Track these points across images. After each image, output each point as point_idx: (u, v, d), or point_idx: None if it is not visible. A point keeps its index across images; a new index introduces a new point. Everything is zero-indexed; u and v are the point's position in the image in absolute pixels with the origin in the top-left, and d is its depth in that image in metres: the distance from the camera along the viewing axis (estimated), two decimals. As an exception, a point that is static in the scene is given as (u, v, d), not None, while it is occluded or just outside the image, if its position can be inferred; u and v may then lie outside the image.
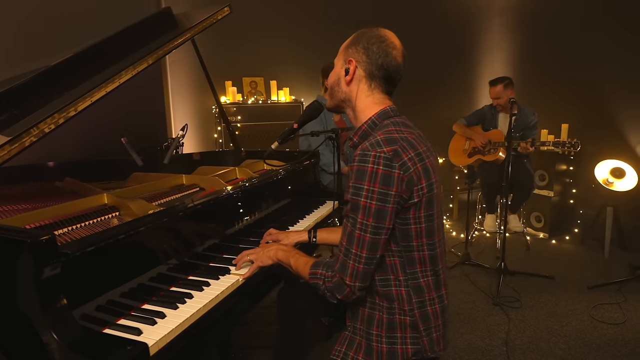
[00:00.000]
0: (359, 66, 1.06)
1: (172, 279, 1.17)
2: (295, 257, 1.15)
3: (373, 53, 1.04)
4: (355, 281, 0.97)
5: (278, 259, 1.20)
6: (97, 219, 1.30)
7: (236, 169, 1.98)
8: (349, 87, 1.09)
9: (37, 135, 1.15)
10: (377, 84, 1.08)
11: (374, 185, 0.93)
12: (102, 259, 0.99)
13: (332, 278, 1.00)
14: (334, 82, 1.11)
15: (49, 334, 0.78)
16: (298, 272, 1.12)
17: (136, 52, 1.61)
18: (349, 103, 1.11)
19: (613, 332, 2.17)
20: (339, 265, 0.99)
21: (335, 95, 1.12)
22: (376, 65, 1.05)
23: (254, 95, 3.46)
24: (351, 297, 1.00)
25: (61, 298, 0.83)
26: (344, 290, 0.98)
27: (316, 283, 1.04)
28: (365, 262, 0.96)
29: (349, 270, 0.97)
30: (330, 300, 1.02)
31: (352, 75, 1.07)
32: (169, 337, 0.92)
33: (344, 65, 1.08)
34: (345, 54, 1.09)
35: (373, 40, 1.05)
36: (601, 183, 3.17)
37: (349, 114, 1.14)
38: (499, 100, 3.15)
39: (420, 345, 1.02)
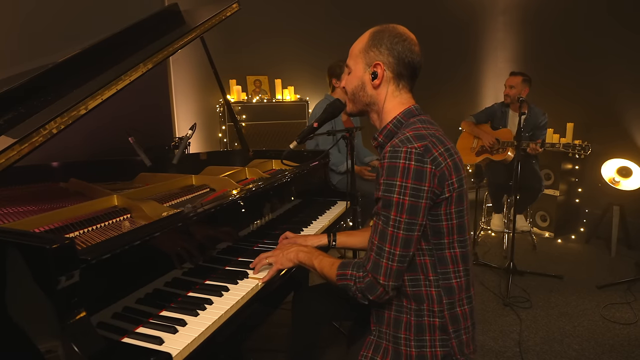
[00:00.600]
0: (387, 68, 1.03)
1: (189, 284, 1.13)
2: (319, 259, 1.11)
3: (399, 53, 1.02)
4: (389, 280, 0.94)
5: (300, 261, 1.16)
6: (108, 221, 1.26)
7: (246, 169, 1.94)
8: (377, 91, 1.05)
9: (47, 135, 1.10)
10: (404, 83, 1.06)
11: (406, 181, 0.91)
12: (119, 264, 0.95)
13: (363, 278, 0.97)
14: (357, 87, 1.07)
15: (69, 346, 0.73)
16: (323, 274, 1.08)
17: (144, 50, 1.56)
18: (374, 107, 1.08)
19: (626, 333, 2.15)
20: (371, 265, 0.96)
21: (359, 99, 1.08)
22: (404, 65, 1.03)
23: (258, 94, 3.41)
24: (384, 297, 0.97)
25: (81, 307, 0.78)
26: (377, 290, 0.95)
27: (346, 284, 1.00)
28: (399, 260, 0.94)
29: (382, 269, 0.94)
30: (361, 302, 0.99)
31: (381, 78, 1.03)
32: (193, 346, 0.87)
33: (368, 69, 1.04)
34: (366, 57, 1.04)
35: (396, 40, 1.02)
36: (607, 182, 3.16)
37: (373, 117, 1.10)
38: (512, 90, 3.10)
39: (450, 347, 1.00)
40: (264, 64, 3.46)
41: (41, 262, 0.76)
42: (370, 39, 1.04)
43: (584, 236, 3.50)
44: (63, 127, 1.15)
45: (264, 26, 3.44)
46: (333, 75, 2.63)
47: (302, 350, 1.44)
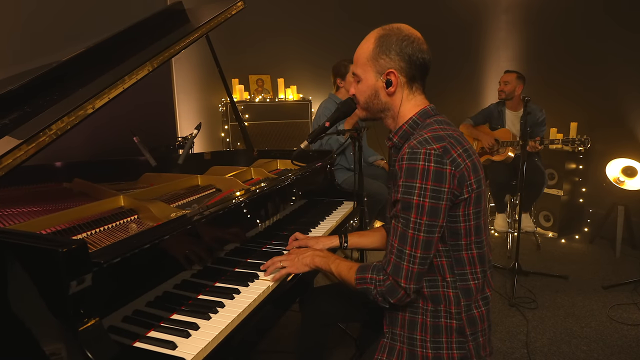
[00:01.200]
0: (400, 74, 1.01)
1: (199, 286, 1.11)
2: (335, 263, 1.09)
3: (410, 56, 1.00)
4: (410, 283, 0.93)
5: (316, 266, 1.14)
6: (115, 222, 1.24)
7: (251, 169, 1.92)
8: (391, 98, 1.03)
9: (53, 135, 1.08)
10: (418, 85, 1.04)
11: (426, 183, 0.89)
12: (129, 267, 0.92)
13: (384, 282, 0.95)
14: (370, 96, 1.05)
15: (83, 353, 0.71)
16: (342, 278, 1.07)
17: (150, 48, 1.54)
18: (389, 112, 1.06)
19: (634, 333, 2.14)
20: (392, 268, 0.94)
21: (373, 107, 1.06)
22: (416, 67, 1.01)
23: (260, 94, 3.39)
24: (405, 300, 0.95)
25: (94, 312, 0.76)
26: (398, 293, 0.94)
27: (367, 288, 0.98)
28: (420, 262, 0.92)
29: (403, 271, 0.93)
30: (382, 305, 0.98)
31: (396, 85, 1.01)
32: (207, 350, 0.85)
33: (380, 77, 1.02)
34: (376, 65, 1.01)
35: (405, 43, 0.99)
36: (612, 182, 3.15)
37: (387, 122, 1.08)
38: (507, 86, 3.14)
39: (466, 350, 0.98)
40: (266, 63, 3.44)
41: (53, 266, 0.73)
42: (377, 45, 1.00)
43: (588, 236, 3.49)
44: (70, 127, 1.13)
45: (266, 25, 3.42)
46: (338, 75, 2.61)
47: (310, 352, 1.42)
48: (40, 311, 0.79)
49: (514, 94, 3.16)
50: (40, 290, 0.77)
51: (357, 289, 1.01)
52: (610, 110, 3.48)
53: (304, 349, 1.43)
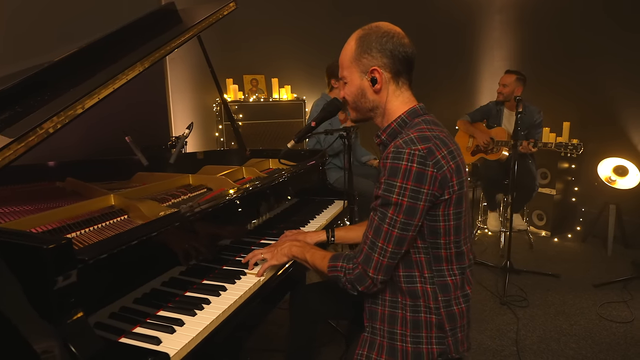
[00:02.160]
0: (384, 70, 1.02)
1: (186, 284, 1.13)
2: (310, 252, 1.13)
3: (392, 51, 1.01)
4: (378, 274, 0.96)
5: (293, 255, 1.18)
6: (106, 222, 1.25)
7: (243, 169, 1.94)
8: (378, 95, 1.05)
9: (43, 134, 1.09)
10: (403, 79, 1.06)
11: (406, 183, 0.91)
12: (116, 264, 0.94)
13: (353, 270, 0.99)
14: (357, 95, 1.06)
15: (67, 348, 0.73)
16: (315, 267, 1.10)
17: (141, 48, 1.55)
18: (377, 110, 1.07)
19: (622, 331, 2.16)
20: (363, 257, 0.98)
21: (361, 106, 1.08)
22: (399, 61, 1.02)
23: (255, 93, 3.41)
24: (372, 289, 0.99)
25: (78, 308, 0.78)
26: (366, 282, 0.97)
27: (336, 276, 1.02)
28: (390, 256, 0.95)
29: (373, 262, 0.96)
30: (351, 293, 1.01)
31: (381, 82, 1.03)
32: (190, 346, 0.87)
33: (365, 76, 1.03)
34: (359, 65, 1.03)
35: (385, 39, 1.01)
36: (604, 181, 3.18)
37: (377, 121, 1.10)
38: (505, 88, 3.13)
39: (445, 345, 1.00)
40: (260, 63, 3.46)
41: (38, 263, 0.75)
42: (358, 46, 1.02)
43: (580, 235, 3.52)
44: (60, 127, 1.14)
45: (260, 25, 3.44)
46: (332, 76, 2.62)
47: (300, 349, 1.44)
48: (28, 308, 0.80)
49: (512, 95, 3.15)
50: (26, 287, 0.79)
51: (329, 276, 1.04)
52: (603, 109, 3.51)
53: (294, 347, 1.45)
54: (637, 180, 3.04)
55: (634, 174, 3.06)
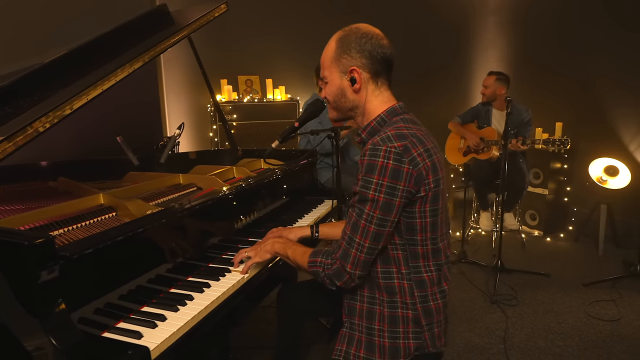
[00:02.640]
0: (363, 70, 1.05)
1: (172, 281, 1.15)
2: (292, 248, 1.15)
3: (370, 52, 1.03)
4: (355, 269, 0.98)
5: (275, 252, 1.20)
6: (93, 219, 1.28)
7: (233, 168, 1.96)
8: (358, 95, 1.07)
9: (32, 134, 1.12)
10: (383, 79, 1.08)
11: (383, 179, 0.94)
12: (101, 261, 0.97)
13: (331, 265, 1.01)
14: (337, 95, 1.08)
15: (48, 340, 0.75)
16: (296, 263, 1.12)
17: (132, 50, 1.58)
18: (357, 110, 1.09)
19: (609, 329, 2.19)
20: (341, 253, 1.00)
21: (342, 106, 1.10)
22: (378, 62, 1.04)
23: (249, 94, 3.43)
24: (350, 284, 1.01)
25: (60, 302, 0.80)
26: (344, 277, 1.00)
27: (316, 271, 1.05)
28: (367, 251, 0.98)
29: (350, 258, 0.98)
30: (330, 287, 1.03)
31: (360, 82, 1.05)
32: (171, 340, 0.90)
33: (344, 76, 1.05)
34: (339, 65, 1.06)
35: (363, 40, 1.03)
36: (595, 181, 3.20)
37: (358, 120, 1.12)
38: (486, 89, 3.21)
39: (422, 340, 1.03)
40: (255, 63, 3.49)
41: (20, 259, 0.78)
42: (338, 47, 1.04)
43: (572, 235, 3.54)
44: (49, 127, 1.17)
45: (255, 26, 3.46)
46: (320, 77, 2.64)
47: (287, 346, 1.46)
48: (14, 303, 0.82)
49: (495, 95, 3.21)
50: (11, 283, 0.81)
51: (308, 271, 1.07)
52: (594, 109, 3.54)
53: (281, 344, 1.47)
54: (627, 180, 3.07)
55: (624, 174, 3.08)
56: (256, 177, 1.74)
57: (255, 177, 1.75)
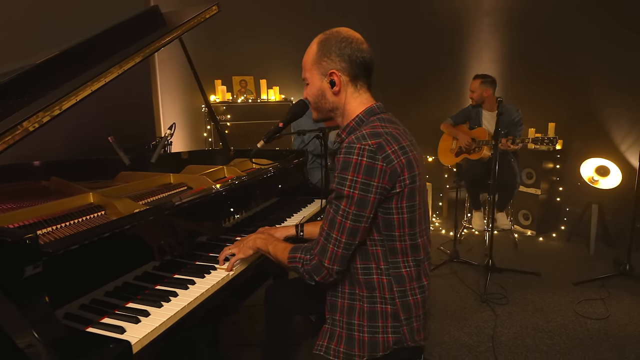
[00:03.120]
0: (342, 73, 1.08)
1: (158, 278, 1.17)
2: (273, 244, 1.17)
3: (349, 56, 1.06)
4: (333, 264, 1.01)
5: (257, 247, 1.22)
6: (82, 218, 1.30)
7: (224, 168, 1.98)
8: (337, 96, 1.10)
9: (21, 133, 1.14)
10: (362, 82, 1.10)
11: (357, 176, 0.96)
12: (86, 258, 0.99)
13: (310, 261, 1.03)
14: (318, 96, 1.12)
15: (30, 333, 0.78)
16: (277, 258, 1.15)
17: (123, 51, 1.60)
18: (337, 111, 1.13)
19: (597, 327, 2.21)
20: (319, 248, 1.02)
21: (322, 107, 1.13)
22: (357, 65, 1.07)
23: (243, 94, 3.46)
24: (328, 279, 1.03)
25: (43, 297, 0.83)
26: (322, 272, 1.02)
27: (295, 266, 1.07)
28: (344, 247, 1.00)
29: (328, 253, 1.00)
30: (309, 282, 1.05)
31: (339, 84, 1.08)
32: (153, 335, 0.92)
33: (324, 78, 1.09)
34: (319, 67, 1.09)
35: (343, 45, 1.06)
36: (586, 181, 3.23)
37: (339, 121, 1.15)
38: (473, 93, 3.24)
39: (401, 334, 1.05)
40: (249, 64, 3.51)
41: (4, 255, 0.80)
42: (319, 49, 1.08)
43: (565, 234, 3.57)
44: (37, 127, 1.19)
45: (250, 27, 3.49)
46: None
47: (275, 343, 1.49)
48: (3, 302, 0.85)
49: (482, 98, 3.24)
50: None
51: (288, 267, 1.09)
52: (586, 109, 3.57)
53: (269, 341, 1.50)
54: (618, 180, 3.10)
55: (615, 174, 3.11)
56: (245, 177, 1.77)
57: (245, 176, 1.77)
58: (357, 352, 1.03)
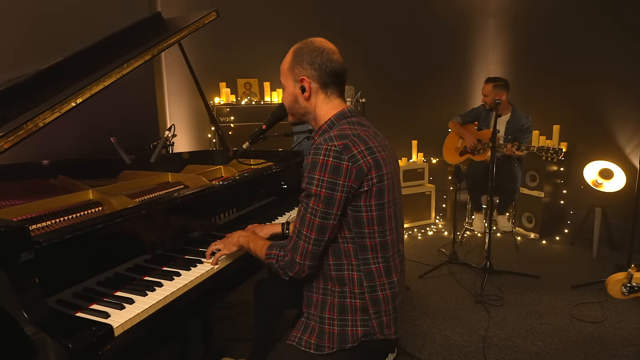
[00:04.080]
0: (312, 80, 1.14)
1: (147, 270, 1.25)
2: (254, 242, 1.23)
3: (319, 65, 1.12)
4: (304, 260, 1.06)
5: (241, 244, 1.29)
6: (80, 213, 1.39)
7: (222, 168, 2.06)
8: (308, 102, 1.17)
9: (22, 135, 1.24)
10: (332, 90, 1.16)
11: (324, 175, 1.02)
12: (76, 249, 1.07)
13: (284, 257, 1.09)
14: (292, 101, 1.19)
15: (21, 314, 0.86)
16: (257, 255, 1.21)
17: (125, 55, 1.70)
18: (309, 115, 1.19)
19: (590, 330, 2.20)
20: (292, 245, 1.08)
21: (296, 112, 1.20)
22: (326, 74, 1.13)
23: (247, 96, 3.55)
24: (301, 274, 1.08)
25: (34, 282, 0.91)
26: (294, 268, 1.07)
27: (271, 262, 1.13)
28: (314, 243, 1.05)
29: (299, 249, 1.06)
30: (284, 278, 1.11)
31: (309, 91, 1.14)
32: (134, 321, 0.99)
33: (296, 84, 1.15)
34: (292, 74, 1.16)
35: (314, 54, 1.12)
36: (590, 184, 3.20)
37: (312, 124, 1.21)
38: (486, 98, 3.23)
39: (370, 327, 1.09)
40: (254, 66, 3.60)
41: (0, 243, 0.89)
42: (292, 57, 1.15)
43: (568, 237, 3.53)
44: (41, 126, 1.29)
45: (254, 30, 3.57)
46: None
47: (263, 337, 1.55)
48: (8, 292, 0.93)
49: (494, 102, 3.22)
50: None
51: (266, 263, 1.15)
52: (591, 112, 3.52)
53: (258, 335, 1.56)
54: (622, 183, 3.06)
55: (619, 177, 3.07)
56: (238, 175, 1.84)
57: (237, 175, 1.85)
58: (327, 343, 1.08)
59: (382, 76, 4.09)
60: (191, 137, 3.50)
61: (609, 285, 0.97)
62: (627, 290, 0.96)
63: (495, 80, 3.19)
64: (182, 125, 3.51)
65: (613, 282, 0.97)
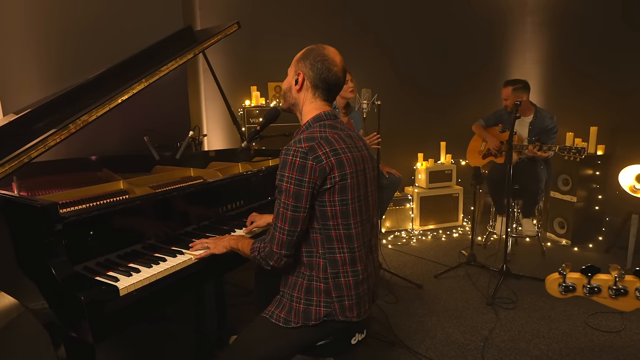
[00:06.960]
0: (306, 78, 1.29)
1: (158, 248, 1.48)
2: (241, 242, 1.38)
3: (317, 69, 1.27)
4: (281, 249, 1.20)
5: (230, 247, 1.41)
6: (109, 200, 1.66)
7: (239, 165, 2.28)
8: (298, 94, 1.32)
9: (77, 125, 1.51)
10: (319, 93, 1.30)
11: (292, 173, 1.16)
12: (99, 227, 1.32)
13: (264, 248, 1.25)
14: (287, 88, 1.35)
15: (50, 271, 1.11)
16: (245, 253, 1.36)
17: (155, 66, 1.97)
18: (296, 107, 1.35)
19: (603, 339, 2.13)
20: (270, 237, 1.24)
21: (287, 99, 1.36)
22: (319, 79, 1.28)
23: (277, 99, 3.77)
24: (280, 263, 1.22)
25: (62, 248, 1.16)
26: (274, 257, 1.22)
27: (254, 255, 1.28)
28: (288, 234, 1.19)
29: (275, 240, 1.21)
30: (265, 267, 1.26)
31: (301, 85, 1.30)
32: (136, 286, 1.21)
33: (295, 75, 1.31)
34: (296, 66, 1.32)
35: (318, 59, 1.27)
36: (626, 190, 3.02)
37: (298, 117, 1.37)
38: (507, 101, 3.16)
39: (332, 309, 1.22)
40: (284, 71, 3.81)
41: (36, 215, 1.15)
42: (303, 53, 1.31)
43: (603, 245, 3.34)
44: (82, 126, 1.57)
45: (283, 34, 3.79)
46: None
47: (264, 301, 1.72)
48: (32, 246, 1.19)
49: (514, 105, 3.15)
50: (32, 231, 1.19)
51: (250, 257, 1.31)
52: (633, 114, 3.30)
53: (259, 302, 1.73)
54: (662, 189, 2.86)
55: (658, 182, 2.87)
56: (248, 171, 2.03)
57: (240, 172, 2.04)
58: (293, 318, 1.23)
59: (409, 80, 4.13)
60: (225, 137, 3.80)
61: (547, 284, 1.01)
62: (563, 289, 1.00)
63: (514, 82, 3.12)
64: (217, 126, 3.82)
65: (550, 281, 1.01)
